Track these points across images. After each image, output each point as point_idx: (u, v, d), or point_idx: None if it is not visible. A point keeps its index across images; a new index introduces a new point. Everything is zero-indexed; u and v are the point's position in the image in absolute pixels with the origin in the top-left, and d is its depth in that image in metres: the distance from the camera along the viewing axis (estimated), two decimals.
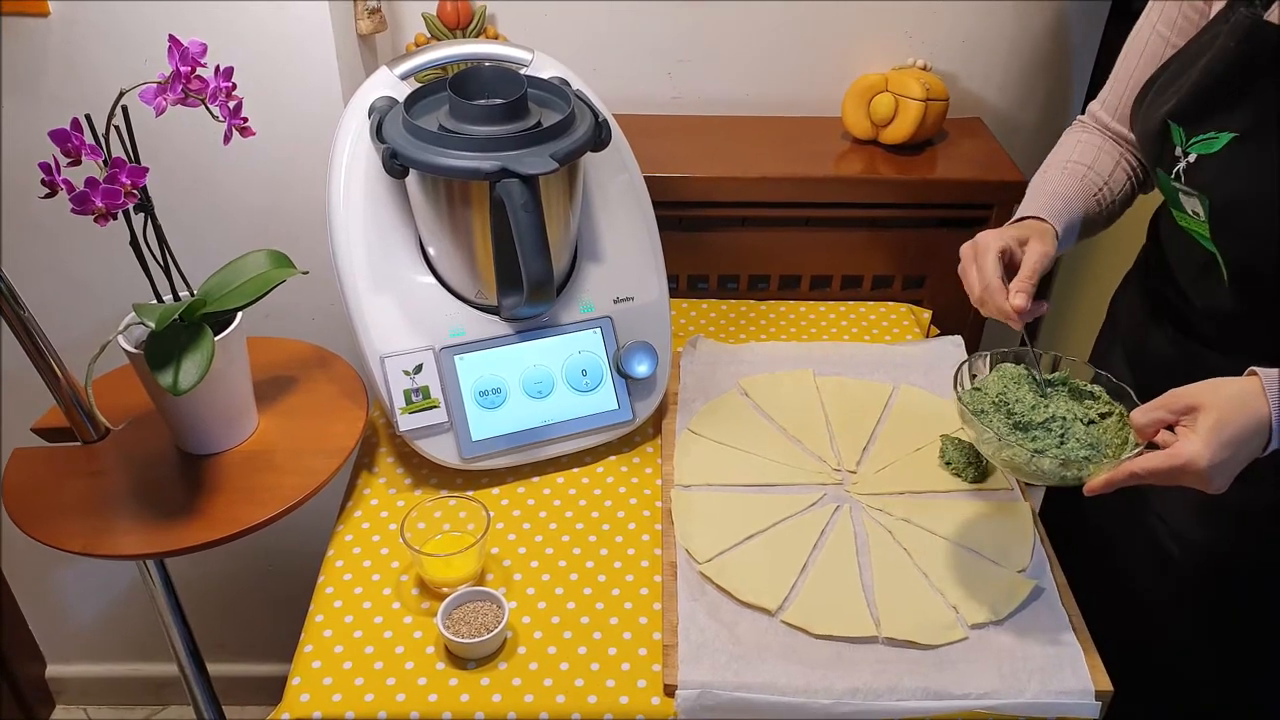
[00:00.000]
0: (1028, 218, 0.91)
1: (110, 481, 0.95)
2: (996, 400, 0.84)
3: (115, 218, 0.83)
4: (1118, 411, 0.83)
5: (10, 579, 1.54)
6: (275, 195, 1.20)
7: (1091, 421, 0.83)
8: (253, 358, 0.98)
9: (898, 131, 1.30)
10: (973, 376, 0.88)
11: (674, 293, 1.20)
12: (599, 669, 0.84)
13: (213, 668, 1.14)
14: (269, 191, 1.20)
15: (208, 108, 0.84)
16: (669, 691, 0.81)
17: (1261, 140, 0.78)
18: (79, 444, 0.98)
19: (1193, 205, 0.84)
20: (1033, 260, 0.84)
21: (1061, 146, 0.99)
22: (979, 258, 0.85)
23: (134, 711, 1.70)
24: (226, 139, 0.86)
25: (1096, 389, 0.85)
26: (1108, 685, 0.80)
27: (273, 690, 0.95)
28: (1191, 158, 0.82)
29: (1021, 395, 0.84)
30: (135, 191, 0.82)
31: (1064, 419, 0.82)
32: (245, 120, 0.86)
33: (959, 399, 0.84)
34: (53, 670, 1.67)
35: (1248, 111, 0.79)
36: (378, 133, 0.94)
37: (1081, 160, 0.96)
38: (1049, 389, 0.85)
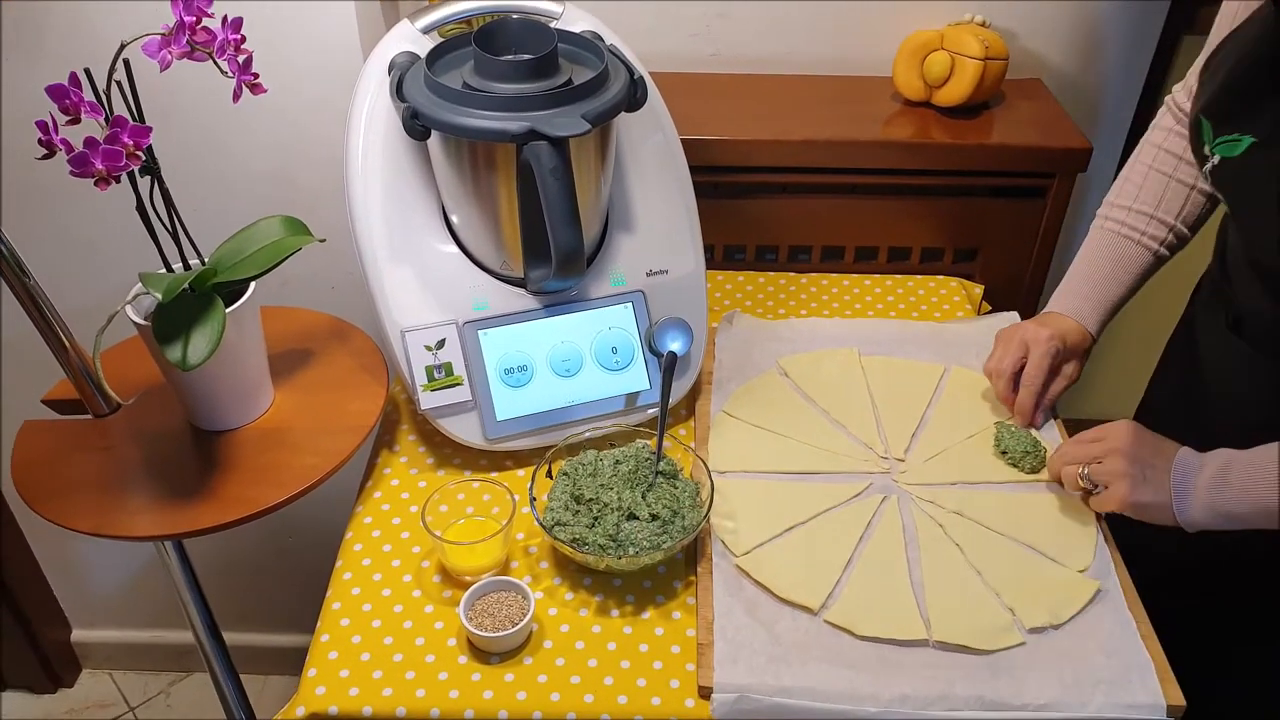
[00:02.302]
0: (1067, 316, 0.98)
1: (121, 457, 0.92)
2: (577, 468, 0.89)
3: (118, 180, 0.78)
4: (682, 511, 0.86)
5: (34, 546, 1.54)
6: (290, 158, 1.17)
7: (633, 517, 0.84)
8: (267, 329, 0.95)
9: (953, 92, 1.23)
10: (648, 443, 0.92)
11: (709, 264, 1.15)
12: (629, 667, 0.79)
13: (231, 637, 1.13)
14: (283, 154, 1.16)
15: (215, 62, 0.79)
16: (704, 694, 0.77)
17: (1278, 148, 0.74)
18: (89, 417, 0.95)
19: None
20: (1057, 388, 0.98)
21: (1131, 172, 0.98)
22: (1021, 348, 0.97)
23: (159, 677, 1.72)
24: (236, 96, 0.81)
25: (689, 486, 0.88)
26: (1180, 700, 0.75)
27: (292, 660, 0.92)
28: (1216, 159, 0.80)
29: (601, 471, 0.88)
30: (139, 153, 0.78)
31: (605, 505, 0.84)
32: (256, 76, 0.82)
33: (546, 455, 0.90)
34: (78, 635, 1.69)
35: (1270, 116, 0.74)
36: (398, 91, 0.89)
37: (1144, 206, 0.95)
38: (659, 478, 0.88)
